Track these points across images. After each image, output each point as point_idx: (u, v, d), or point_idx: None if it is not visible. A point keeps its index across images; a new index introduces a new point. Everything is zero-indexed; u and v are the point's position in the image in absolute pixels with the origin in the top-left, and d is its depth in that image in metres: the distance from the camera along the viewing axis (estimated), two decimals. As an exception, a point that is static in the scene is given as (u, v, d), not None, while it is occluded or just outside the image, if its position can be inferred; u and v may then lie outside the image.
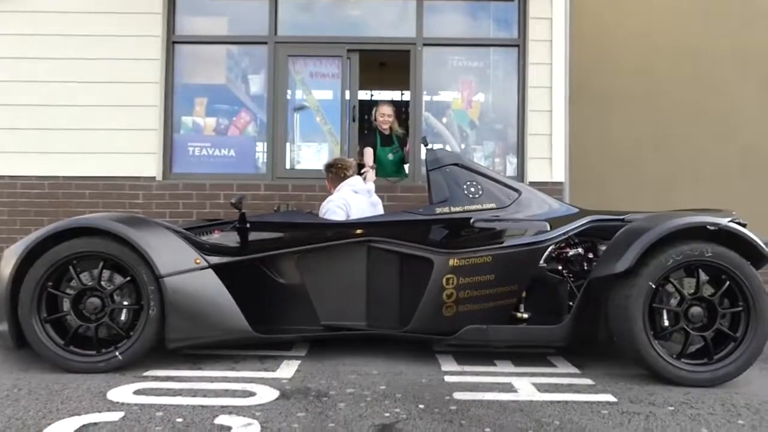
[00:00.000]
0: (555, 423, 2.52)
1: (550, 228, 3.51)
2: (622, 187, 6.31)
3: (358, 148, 5.82)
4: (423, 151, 4.16)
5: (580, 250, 3.58)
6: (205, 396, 2.79)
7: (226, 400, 2.74)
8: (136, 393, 2.82)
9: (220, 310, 3.25)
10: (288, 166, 5.89)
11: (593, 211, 3.71)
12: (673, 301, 3.16)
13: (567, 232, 3.53)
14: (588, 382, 3.13)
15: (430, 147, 3.90)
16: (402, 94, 9.37)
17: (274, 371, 3.23)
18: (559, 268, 3.58)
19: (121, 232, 3.16)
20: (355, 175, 4.38)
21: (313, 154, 5.99)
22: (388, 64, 7.43)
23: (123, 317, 3.25)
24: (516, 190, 3.72)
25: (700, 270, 3.14)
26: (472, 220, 3.52)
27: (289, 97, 5.92)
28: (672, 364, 3.04)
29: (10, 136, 5.63)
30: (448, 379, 3.14)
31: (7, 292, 3.15)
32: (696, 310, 3.10)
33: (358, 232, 3.54)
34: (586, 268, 3.54)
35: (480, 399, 2.81)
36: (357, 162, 5.01)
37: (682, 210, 3.64)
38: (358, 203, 4.12)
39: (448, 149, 5.63)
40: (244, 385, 2.97)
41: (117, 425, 2.42)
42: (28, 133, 5.63)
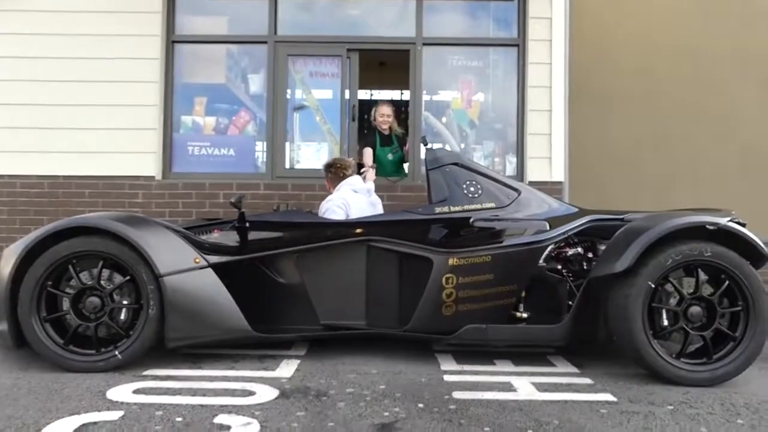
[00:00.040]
0: (554, 422, 2.52)
1: (549, 227, 3.52)
2: (621, 186, 6.30)
3: (358, 148, 5.82)
4: (422, 150, 4.15)
5: (580, 250, 3.58)
6: (204, 395, 2.80)
7: (225, 399, 2.74)
8: (136, 392, 2.82)
9: (220, 310, 3.25)
10: (287, 166, 5.89)
11: (593, 210, 3.71)
12: (672, 301, 3.17)
13: (566, 232, 3.53)
14: (587, 381, 3.13)
15: (429, 146, 3.90)
16: (402, 94, 9.36)
17: (273, 370, 3.23)
18: (559, 267, 3.59)
19: (120, 232, 3.17)
20: (355, 174, 4.38)
21: (312, 153, 5.99)
22: (387, 63, 7.42)
23: (122, 316, 3.25)
24: (515, 190, 3.72)
25: (700, 269, 3.15)
26: (472, 220, 3.52)
27: (288, 96, 5.91)
28: (671, 364, 3.05)
29: (10, 136, 5.63)
30: (448, 378, 3.15)
31: (7, 291, 3.15)
32: (695, 309, 3.10)
33: (357, 231, 3.54)
34: (585, 267, 3.55)
35: (479, 398, 2.81)
36: (356, 162, 5.01)
37: (682, 210, 3.64)
38: (358, 203, 4.12)
39: (448, 149, 5.63)
40: (244, 384, 2.98)
41: (116, 424, 2.42)
42: (27, 132, 5.62)
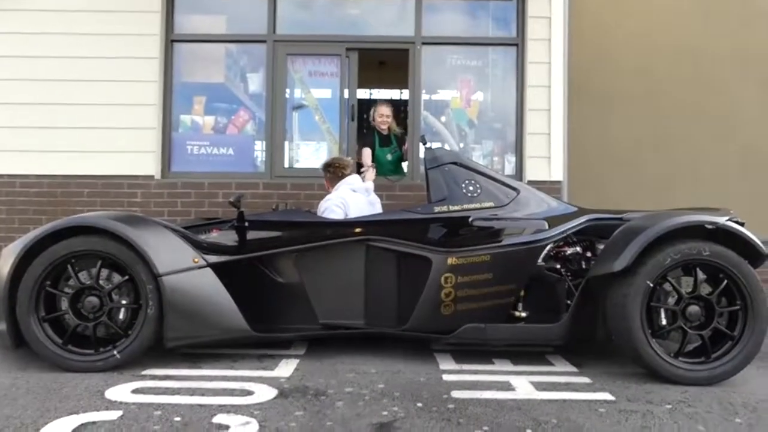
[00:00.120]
0: (552, 421, 2.52)
1: (548, 227, 3.51)
2: (621, 186, 6.29)
3: (357, 147, 5.82)
4: (422, 149, 4.15)
5: (579, 249, 3.58)
6: (203, 395, 2.80)
7: (224, 398, 2.74)
8: (135, 392, 2.82)
9: (219, 309, 3.25)
10: (286, 165, 5.89)
11: (592, 209, 3.71)
12: (670, 300, 3.16)
13: (565, 231, 3.52)
14: (586, 380, 3.13)
15: (428, 146, 3.89)
16: (401, 93, 9.35)
17: (272, 370, 3.23)
18: (558, 266, 3.58)
19: (119, 231, 3.16)
20: (354, 173, 4.38)
21: (311, 152, 5.99)
22: (387, 62, 7.43)
23: (121, 316, 3.25)
24: (514, 189, 3.71)
25: (698, 269, 3.14)
26: (471, 219, 3.52)
27: (287, 95, 5.91)
28: (669, 363, 3.05)
29: (9, 135, 5.63)
30: (447, 377, 3.15)
31: (5, 291, 3.15)
32: (694, 308, 3.10)
33: (356, 231, 3.53)
34: (584, 266, 3.54)
35: (478, 397, 2.81)
36: (355, 161, 5.00)
37: (681, 209, 3.64)
38: (357, 202, 4.12)
39: (447, 148, 5.63)
40: (243, 384, 2.97)
41: (115, 424, 2.42)
42: (26, 131, 5.63)
